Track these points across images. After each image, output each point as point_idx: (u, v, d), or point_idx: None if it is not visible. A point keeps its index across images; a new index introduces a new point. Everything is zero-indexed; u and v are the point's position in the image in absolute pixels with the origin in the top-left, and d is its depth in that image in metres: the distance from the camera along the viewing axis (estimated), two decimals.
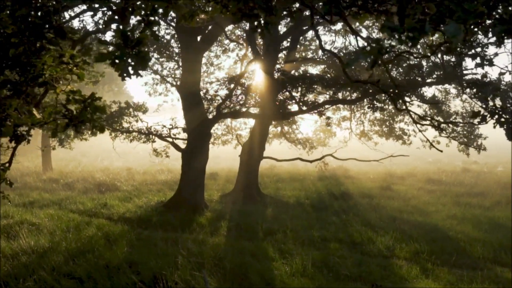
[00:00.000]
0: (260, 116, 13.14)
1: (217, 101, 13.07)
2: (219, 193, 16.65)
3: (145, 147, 16.68)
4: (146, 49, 2.28)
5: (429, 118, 8.58)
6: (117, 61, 2.13)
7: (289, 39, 16.05)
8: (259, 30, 2.66)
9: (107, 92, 42.64)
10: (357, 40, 4.78)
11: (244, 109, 15.75)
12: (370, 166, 24.24)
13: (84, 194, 16.00)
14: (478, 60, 4.87)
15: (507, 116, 3.91)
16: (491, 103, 4.41)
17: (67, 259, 7.81)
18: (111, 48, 2.38)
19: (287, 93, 12.42)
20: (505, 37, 2.49)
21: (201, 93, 17.08)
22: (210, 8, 2.63)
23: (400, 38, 1.95)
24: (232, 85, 12.85)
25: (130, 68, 2.14)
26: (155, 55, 15.46)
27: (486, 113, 4.05)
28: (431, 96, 15.71)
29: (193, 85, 13.00)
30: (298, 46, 19.81)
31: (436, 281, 7.41)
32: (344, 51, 16.26)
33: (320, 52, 18.16)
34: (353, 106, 18.90)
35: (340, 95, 14.35)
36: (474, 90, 4.20)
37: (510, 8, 2.55)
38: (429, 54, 3.61)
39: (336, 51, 16.78)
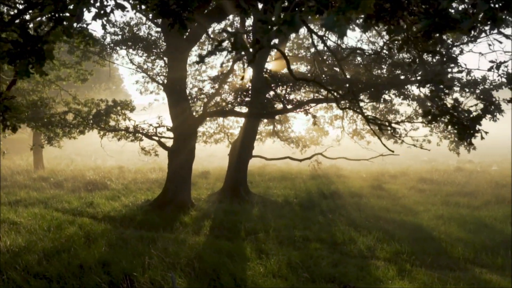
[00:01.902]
0: (246, 114, 13.07)
1: (202, 99, 12.98)
2: (208, 191, 16.60)
3: (139, 146, 16.63)
4: (51, 46, 2.19)
5: (372, 117, 8.52)
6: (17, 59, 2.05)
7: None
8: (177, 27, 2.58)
9: (104, 90, 42.53)
10: (311, 37, 4.69)
11: (235, 108, 15.64)
12: (364, 165, 24.11)
13: (73, 193, 15.97)
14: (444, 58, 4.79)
15: (462, 116, 3.79)
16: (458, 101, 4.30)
17: (41, 259, 7.76)
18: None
19: (272, 91, 12.34)
20: (432, 32, 2.39)
21: (193, 91, 16.98)
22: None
23: (272, 30, 1.86)
24: (217, 84, 12.75)
25: (30, 66, 2.06)
26: (144, 54, 15.34)
27: (436, 112, 3.94)
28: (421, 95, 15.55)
29: (178, 83, 12.91)
30: (291, 44, 19.73)
31: (412, 282, 7.32)
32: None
33: (312, 49, 18.05)
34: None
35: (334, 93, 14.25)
36: (429, 88, 4.06)
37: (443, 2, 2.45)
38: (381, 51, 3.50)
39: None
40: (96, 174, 19.67)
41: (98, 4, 2.46)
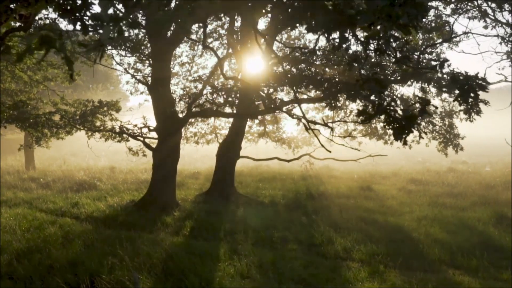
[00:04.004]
0: (230, 114, 13.06)
1: (186, 100, 12.98)
2: (196, 192, 16.58)
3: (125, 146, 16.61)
4: None
5: (296, 116, 8.52)
6: None
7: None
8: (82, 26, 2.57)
9: (101, 91, 42.65)
10: (256, 37, 4.69)
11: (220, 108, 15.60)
12: (356, 166, 24.01)
13: (61, 193, 15.99)
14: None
15: (397, 116, 3.75)
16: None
17: (12, 259, 7.77)
18: None
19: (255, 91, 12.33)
20: (333, 30, 2.36)
21: (182, 91, 16.95)
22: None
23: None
24: (201, 84, 12.76)
25: None
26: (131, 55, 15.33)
27: (372, 112, 3.91)
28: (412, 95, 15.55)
29: (162, 84, 12.93)
30: (281, 44, 19.69)
31: (382, 284, 7.28)
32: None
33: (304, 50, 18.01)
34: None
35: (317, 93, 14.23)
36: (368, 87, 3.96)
37: None
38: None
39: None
40: (87, 175, 19.70)
41: None
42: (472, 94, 4.15)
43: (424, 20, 14.56)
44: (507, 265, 8.25)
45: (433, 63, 15.66)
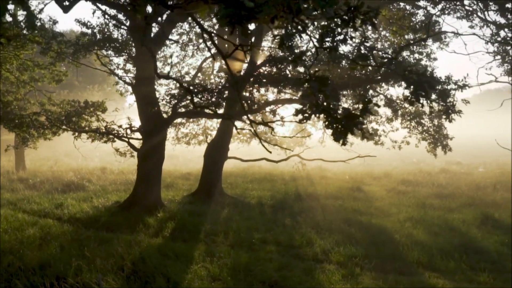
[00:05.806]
0: (216, 115, 12.98)
1: (169, 101, 12.89)
2: (185, 193, 16.49)
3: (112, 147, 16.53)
4: None
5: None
6: None
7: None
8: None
9: (98, 91, 42.66)
10: (203, 35, 4.61)
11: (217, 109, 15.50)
12: (350, 166, 23.88)
13: (47, 194, 15.91)
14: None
15: (336, 115, 3.65)
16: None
17: None
18: None
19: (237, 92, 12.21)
20: (234, 23, 2.27)
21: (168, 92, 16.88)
22: None
23: None
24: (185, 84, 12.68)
25: None
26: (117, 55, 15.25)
27: (309, 111, 3.81)
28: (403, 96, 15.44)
29: (147, 85, 12.86)
30: (271, 44, 19.61)
31: (354, 286, 7.17)
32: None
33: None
34: None
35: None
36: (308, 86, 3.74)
37: None
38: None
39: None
40: (76, 176, 19.63)
41: None
42: (423, 93, 4.04)
43: (413, 19, 14.47)
44: (485, 267, 8.13)
45: (424, 63, 15.59)
